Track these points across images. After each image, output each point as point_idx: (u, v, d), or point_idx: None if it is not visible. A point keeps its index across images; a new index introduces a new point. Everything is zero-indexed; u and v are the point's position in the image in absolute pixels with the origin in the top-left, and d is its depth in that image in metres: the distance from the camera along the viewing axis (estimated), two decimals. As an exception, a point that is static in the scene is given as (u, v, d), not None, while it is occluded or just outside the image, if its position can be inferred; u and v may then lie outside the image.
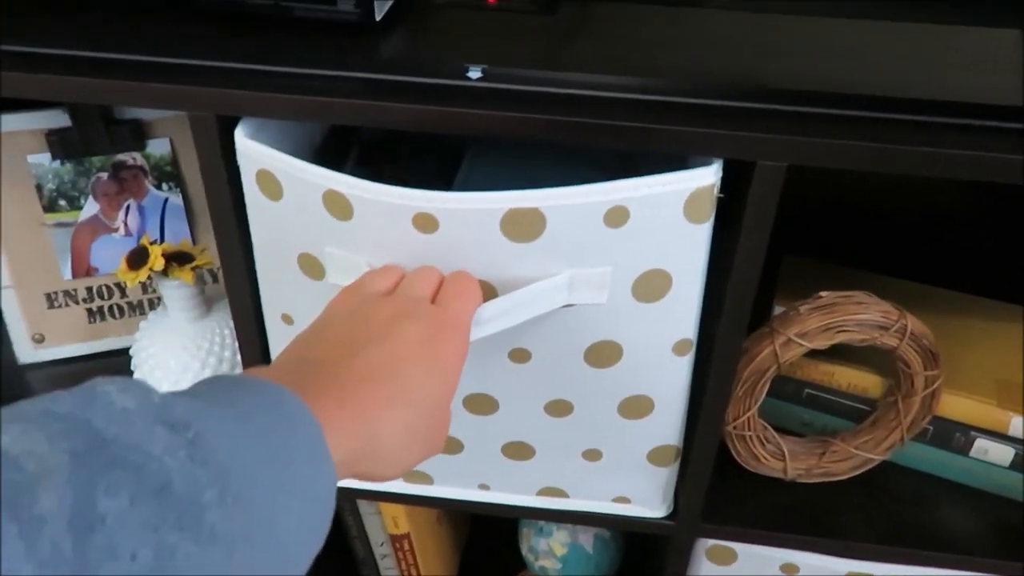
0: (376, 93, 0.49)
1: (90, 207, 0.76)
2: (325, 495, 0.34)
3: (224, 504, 0.28)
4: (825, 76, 0.50)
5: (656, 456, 0.63)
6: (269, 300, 0.60)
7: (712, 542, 0.71)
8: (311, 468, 0.33)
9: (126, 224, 0.77)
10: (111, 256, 0.78)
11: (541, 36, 0.55)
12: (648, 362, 0.56)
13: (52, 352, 0.81)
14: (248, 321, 0.61)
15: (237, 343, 0.64)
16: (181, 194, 0.77)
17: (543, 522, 0.90)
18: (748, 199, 0.48)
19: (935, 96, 0.47)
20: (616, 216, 0.48)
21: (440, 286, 0.47)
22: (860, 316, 0.60)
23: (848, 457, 0.69)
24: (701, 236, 0.50)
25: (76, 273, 0.78)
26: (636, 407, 0.59)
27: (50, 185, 0.75)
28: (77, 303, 0.80)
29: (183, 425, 0.29)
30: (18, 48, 0.53)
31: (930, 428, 0.68)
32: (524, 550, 0.93)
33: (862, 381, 0.69)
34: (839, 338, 0.61)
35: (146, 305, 0.81)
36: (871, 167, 0.46)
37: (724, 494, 0.68)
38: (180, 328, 0.71)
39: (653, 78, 0.49)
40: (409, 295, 0.46)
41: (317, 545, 0.33)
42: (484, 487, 0.68)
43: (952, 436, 0.68)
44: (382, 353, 0.41)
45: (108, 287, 0.80)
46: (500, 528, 0.97)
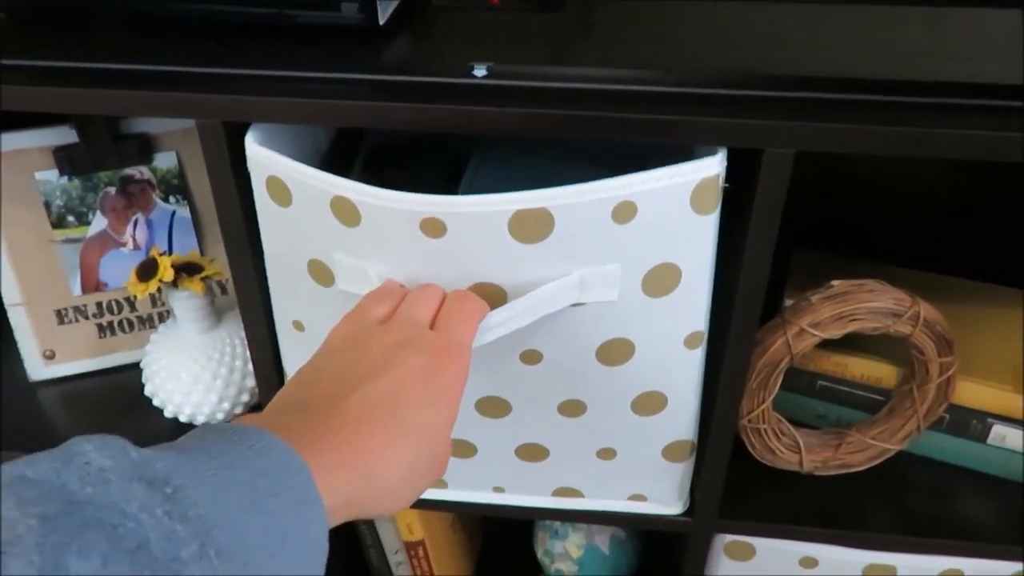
0: (382, 94, 0.50)
1: (98, 222, 0.76)
2: (317, 539, 0.33)
3: (205, 558, 0.28)
4: (828, 62, 0.50)
5: (671, 452, 0.62)
6: (280, 307, 0.60)
7: (730, 538, 0.70)
8: (300, 514, 0.33)
9: (134, 238, 0.78)
10: (120, 271, 0.78)
11: (545, 33, 0.55)
12: (660, 357, 0.56)
13: (63, 368, 0.81)
14: (259, 328, 0.61)
15: (248, 353, 0.64)
16: (188, 206, 0.78)
17: (558, 524, 0.89)
18: (757, 188, 0.48)
19: (940, 77, 0.48)
20: (624, 212, 0.48)
21: (441, 305, 0.47)
22: (872, 304, 0.60)
23: (864, 448, 0.68)
24: (708, 227, 0.50)
25: (86, 288, 0.79)
26: (650, 403, 0.58)
27: (58, 202, 0.75)
28: (87, 318, 0.80)
29: (162, 480, 0.29)
30: (24, 62, 0.53)
31: (946, 416, 0.68)
32: (539, 553, 0.92)
33: (875, 371, 0.69)
34: (852, 327, 0.60)
35: (156, 319, 0.81)
36: (880, 151, 0.46)
37: (740, 489, 0.68)
38: (191, 340, 0.71)
39: (658, 70, 0.50)
40: (408, 321, 0.45)
41: None
42: (499, 490, 0.67)
43: (968, 423, 0.68)
44: (381, 387, 0.40)
45: (118, 302, 0.80)
46: (514, 532, 0.97)
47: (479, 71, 0.50)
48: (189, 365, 0.71)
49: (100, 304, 0.80)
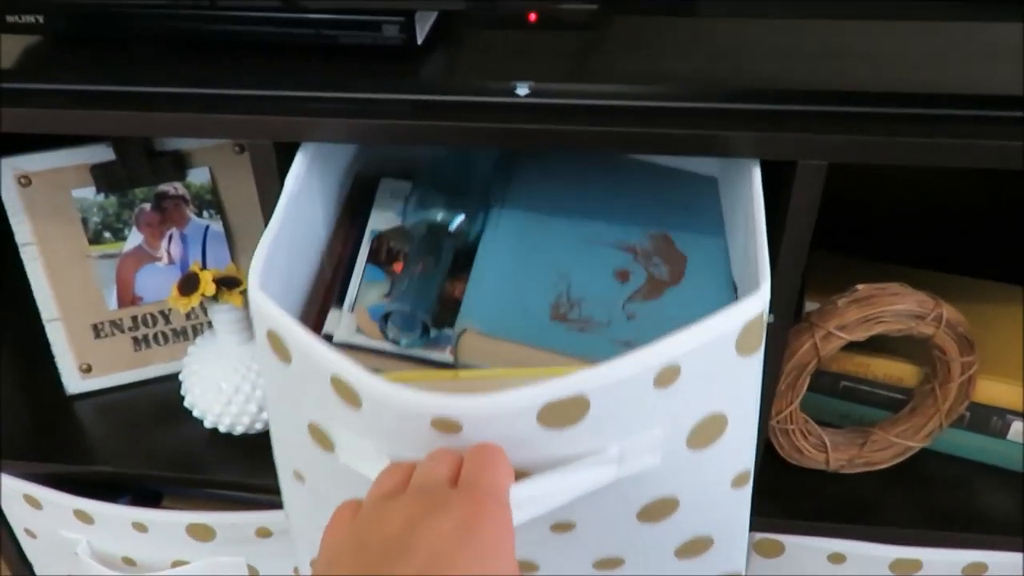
0: (427, 113, 0.51)
1: (134, 238, 0.78)
2: None
3: None
4: (854, 75, 0.52)
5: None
6: (281, 453, 0.56)
7: (760, 535, 0.72)
8: None
9: (169, 253, 0.79)
10: (155, 285, 0.80)
11: (580, 50, 0.57)
12: (707, 504, 0.52)
13: (99, 382, 0.83)
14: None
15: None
16: (221, 221, 0.79)
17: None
18: (791, 200, 0.50)
19: (965, 90, 0.50)
20: (667, 376, 0.43)
21: (460, 466, 0.41)
22: (897, 307, 0.62)
23: (888, 446, 0.70)
24: (754, 365, 0.46)
25: (122, 303, 0.80)
26: (696, 547, 0.55)
27: (95, 218, 0.77)
28: (123, 332, 0.82)
29: None
30: (69, 86, 0.55)
31: (967, 414, 0.70)
32: None
33: (897, 371, 0.71)
34: (877, 329, 0.62)
35: (190, 331, 0.83)
36: (912, 161, 0.48)
37: (769, 487, 0.69)
38: (229, 351, 0.73)
39: (692, 86, 0.52)
40: (426, 484, 0.39)
41: None
42: None
43: (989, 420, 0.70)
44: (413, 568, 0.34)
45: (152, 315, 0.82)
46: None
47: (522, 89, 0.52)
48: (229, 376, 0.72)
49: (135, 318, 0.81)
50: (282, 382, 0.49)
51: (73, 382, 0.82)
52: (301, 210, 0.56)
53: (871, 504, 0.70)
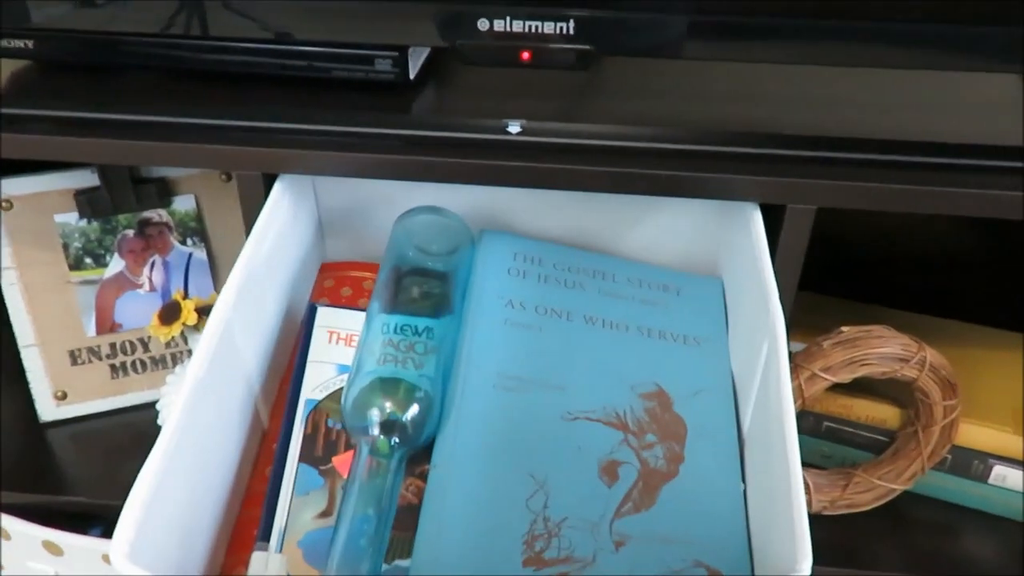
0: (418, 148, 0.52)
1: (115, 264, 0.77)
2: None
3: None
4: (845, 122, 0.53)
5: None
6: None
7: (742, 577, 0.71)
8: None
9: (151, 280, 0.78)
10: (135, 312, 0.79)
11: (571, 90, 0.57)
12: None
13: (74, 409, 0.81)
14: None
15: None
16: (205, 249, 0.79)
17: None
18: (780, 241, 0.50)
19: (953, 139, 0.50)
20: None
21: None
22: (881, 350, 0.62)
23: (871, 488, 0.70)
24: None
25: (100, 329, 0.79)
26: None
27: (76, 244, 0.76)
28: (100, 359, 0.80)
29: None
30: (59, 113, 0.55)
31: (949, 457, 0.70)
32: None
33: (880, 413, 0.71)
34: (862, 371, 0.63)
35: (169, 360, 0.82)
36: (900, 208, 0.49)
37: (752, 529, 0.69)
38: (210, 381, 0.72)
39: (682, 128, 0.52)
40: None
41: None
42: None
43: (971, 464, 0.70)
44: None
45: (131, 342, 0.80)
46: None
47: (513, 127, 0.52)
48: (207, 407, 0.71)
49: (114, 345, 0.80)
50: None
51: (47, 409, 0.81)
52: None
53: (853, 547, 0.70)
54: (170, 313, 0.68)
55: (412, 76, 0.59)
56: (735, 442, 0.56)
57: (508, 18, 0.52)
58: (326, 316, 0.56)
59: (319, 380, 0.54)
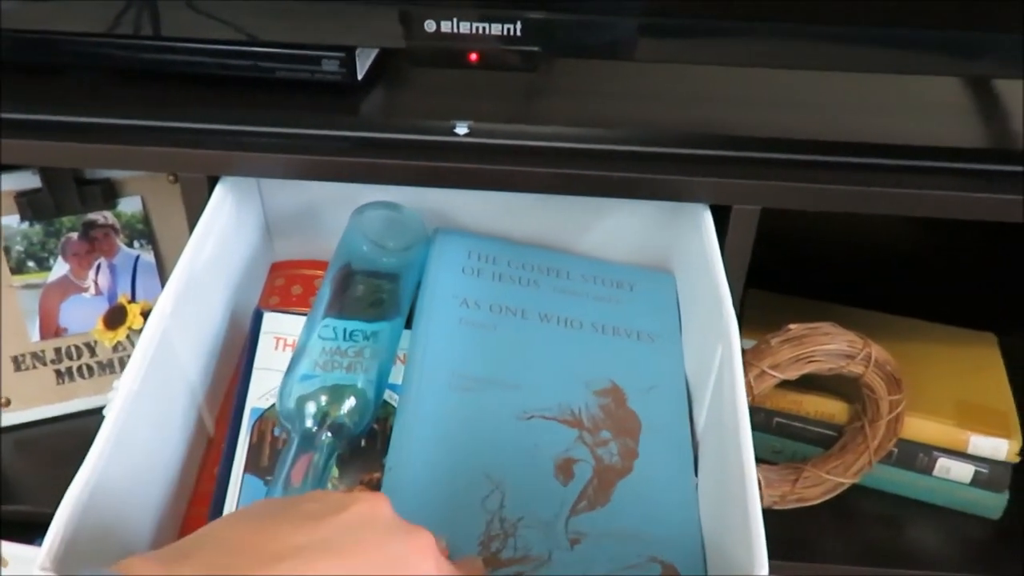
0: (366, 150, 0.51)
1: (59, 267, 0.75)
2: None
3: None
4: (791, 123, 0.53)
5: None
6: None
7: (695, 573, 0.72)
8: None
9: (96, 283, 0.77)
10: (81, 316, 0.77)
11: (519, 92, 0.57)
12: None
13: (18, 416, 0.79)
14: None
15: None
16: (153, 251, 0.77)
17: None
18: (727, 241, 0.51)
19: (893, 140, 0.51)
20: None
21: None
22: (828, 346, 0.63)
23: (820, 482, 0.71)
24: None
25: (44, 334, 0.77)
26: None
27: (18, 247, 0.74)
28: (45, 364, 0.78)
29: None
30: (9, 115, 0.53)
31: (895, 450, 0.72)
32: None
33: (828, 408, 0.72)
34: (809, 368, 0.64)
35: (116, 364, 0.80)
36: (845, 208, 0.49)
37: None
38: (158, 386, 0.71)
39: (630, 130, 0.52)
40: None
41: None
42: None
43: (916, 457, 0.72)
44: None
45: (77, 347, 0.79)
46: None
47: (461, 128, 0.52)
48: (156, 412, 0.70)
49: (59, 350, 0.78)
50: None
51: (-10, 417, 0.79)
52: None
53: (803, 541, 0.71)
54: (115, 317, 0.67)
55: (360, 77, 0.59)
56: (688, 437, 0.56)
57: (455, 19, 0.52)
58: (272, 322, 0.55)
59: (265, 388, 0.53)
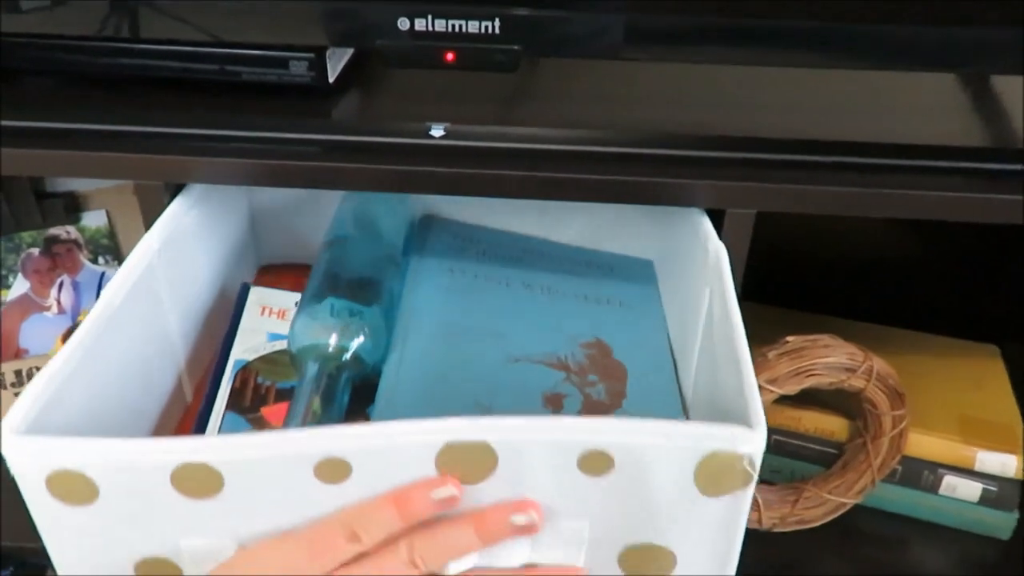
0: (334, 154, 0.48)
1: (19, 285, 0.72)
2: None
3: None
4: (786, 123, 0.51)
5: None
6: None
7: (691, 600, 0.69)
8: None
9: (59, 302, 0.73)
10: (43, 336, 0.73)
11: (499, 92, 0.54)
12: None
13: (-23, 443, 0.75)
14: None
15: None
16: (119, 268, 0.74)
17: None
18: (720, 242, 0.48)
19: (898, 139, 0.49)
20: (595, 463, 0.37)
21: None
22: (828, 359, 0.60)
23: (821, 503, 0.68)
24: (726, 513, 0.39)
25: (4, 356, 0.73)
26: None
27: (-25, 264, 0.70)
28: (4, 388, 0.74)
29: None
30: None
31: (898, 468, 0.68)
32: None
33: (828, 425, 0.69)
34: (808, 382, 0.60)
35: (82, 386, 0.76)
36: (840, 211, 0.46)
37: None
38: (122, 409, 0.67)
39: (614, 131, 0.49)
40: None
41: None
42: None
43: (921, 475, 0.69)
44: None
45: (38, 369, 0.75)
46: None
47: (436, 131, 0.49)
48: (120, 437, 0.66)
49: (19, 372, 0.74)
50: (81, 536, 0.38)
51: (-53, 444, 0.75)
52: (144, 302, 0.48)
53: (804, 563, 0.68)
54: (75, 337, 0.63)
55: (332, 80, 0.56)
56: (676, 387, 0.56)
57: (430, 16, 0.49)
58: (259, 294, 0.56)
59: (249, 344, 0.53)
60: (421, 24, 0.49)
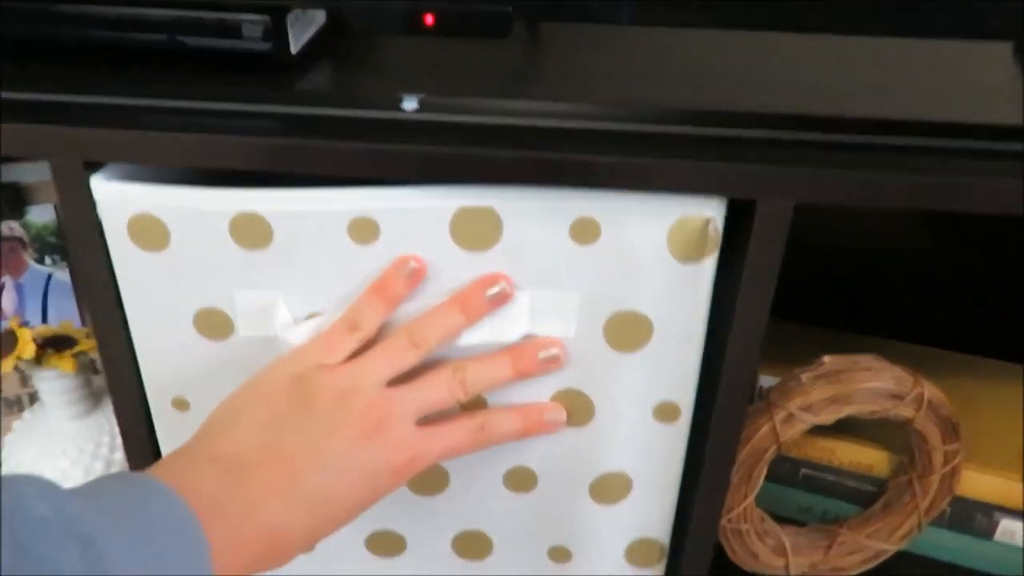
0: (287, 129, 0.40)
1: (-45, 287, 0.64)
2: None
3: None
4: (824, 98, 0.42)
5: (637, 554, 0.53)
6: (156, 384, 0.50)
7: (708, 658, 0.60)
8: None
9: (0, 306, 0.66)
10: (-19, 344, 0.66)
11: (489, 63, 0.47)
12: (624, 428, 0.48)
13: (-92, 463, 0.67)
14: (135, 412, 0.50)
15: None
16: (69, 269, 0.66)
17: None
18: (750, 244, 0.40)
19: (959, 119, 0.40)
20: (585, 230, 0.42)
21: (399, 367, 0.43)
22: (871, 384, 0.51)
23: (858, 549, 0.59)
24: (693, 280, 0.43)
25: (-62, 366, 0.66)
26: (611, 488, 0.50)
27: (-95, 262, 0.63)
28: (-61, 402, 0.67)
29: (91, 541, 0.31)
30: None
31: (948, 510, 0.60)
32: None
33: (866, 458, 0.60)
34: (847, 410, 0.52)
35: (25, 401, 0.68)
36: (896, 204, 0.38)
37: (718, 600, 0.58)
38: (59, 428, 0.59)
39: (622, 106, 0.41)
40: (353, 388, 0.42)
41: None
42: None
43: (973, 517, 0.60)
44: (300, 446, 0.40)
45: (-21, 382, 0.67)
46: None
47: (409, 103, 0.41)
48: (56, 458, 0.59)
49: (-44, 384, 0.67)
50: (154, 281, 0.45)
51: None
52: None
53: (839, 620, 0.59)
54: (3, 345, 0.56)
55: (295, 51, 0.48)
56: None
57: (406, -30, 0.41)
58: None
59: None
60: (396, -21, 0.41)
